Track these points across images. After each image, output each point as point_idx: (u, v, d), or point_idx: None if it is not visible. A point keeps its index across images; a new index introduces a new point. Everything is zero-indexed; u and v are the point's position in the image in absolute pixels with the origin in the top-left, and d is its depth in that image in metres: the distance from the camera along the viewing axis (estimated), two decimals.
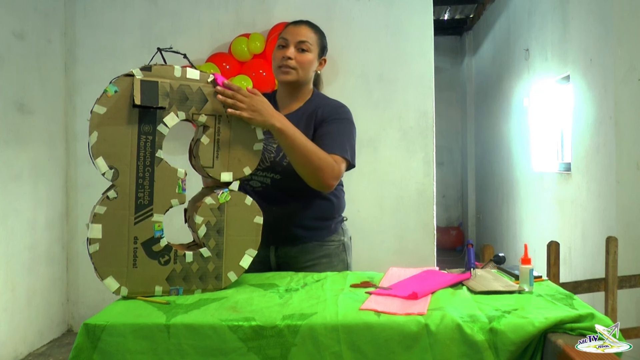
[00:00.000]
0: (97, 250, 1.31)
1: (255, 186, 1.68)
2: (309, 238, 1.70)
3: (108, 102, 1.31)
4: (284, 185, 1.65)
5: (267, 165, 1.65)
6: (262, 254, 1.68)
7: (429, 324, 1.11)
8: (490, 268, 1.55)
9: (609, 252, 2.26)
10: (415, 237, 3.69)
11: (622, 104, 3.07)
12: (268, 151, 1.65)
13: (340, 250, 1.74)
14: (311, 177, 1.54)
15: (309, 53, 1.67)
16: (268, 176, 1.66)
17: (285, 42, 1.67)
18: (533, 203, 4.80)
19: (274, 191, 1.66)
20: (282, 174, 1.64)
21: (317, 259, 1.70)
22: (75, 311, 3.86)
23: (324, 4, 3.75)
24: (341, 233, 1.76)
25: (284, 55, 1.65)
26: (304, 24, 1.72)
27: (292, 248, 1.70)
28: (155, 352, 1.14)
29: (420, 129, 3.70)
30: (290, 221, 1.67)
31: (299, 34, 1.67)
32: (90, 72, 3.81)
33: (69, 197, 3.85)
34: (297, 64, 1.65)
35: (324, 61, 1.76)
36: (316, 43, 1.70)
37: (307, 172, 1.53)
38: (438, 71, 4.36)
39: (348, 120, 1.68)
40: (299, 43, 1.66)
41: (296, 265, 1.68)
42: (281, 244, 1.70)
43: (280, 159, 1.64)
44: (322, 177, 1.53)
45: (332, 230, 1.74)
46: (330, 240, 1.73)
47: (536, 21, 4.66)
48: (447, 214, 7.92)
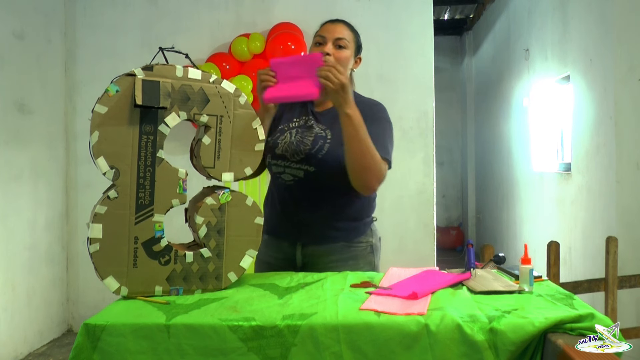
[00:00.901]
0: (98, 250, 1.31)
1: (287, 180, 1.66)
2: (338, 238, 1.67)
3: (109, 102, 1.31)
4: (317, 179, 1.63)
5: (302, 157, 1.63)
6: (288, 251, 1.69)
7: (429, 324, 1.11)
8: (490, 268, 1.55)
9: (609, 252, 2.26)
10: (415, 237, 3.69)
11: (622, 104, 3.07)
12: (303, 144, 1.64)
13: (367, 252, 1.71)
14: (360, 173, 1.54)
15: (346, 50, 1.67)
16: (302, 168, 1.63)
17: (323, 40, 1.67)
18: (533, 203, 4.80)
19: (306, 185, 1.64)
20: (317, 166, 1.62)
21: (344, 260, 1.66)
22: (75, 311, 3.87)
23: (324, 4, 3.75)
24: (370, 234, 1.73)
25: (323, 51, 1.64)
26: (341, 22, 1.72)
27: (319, 247, 1.67)
28: (155, 352, 1.14)
29: (420, 129, 3.70)
30: (320, 220, 1.65)
31: (336, 32, 1.67)
32: (90, 72, 3.81)
33: (69, 197, 3.85)
34: (336, 60, 1.64)
35: (359, 60, 1.76)
36: (353, 41, 1.70)
37: (358, 168, 1.53)
38: (438, 71, 4.36)
39: (386, 119, 1.69)
40: (337, 40, 1.66)
41: (322, 264, 1.65)
42: (308, 242, 1.67)
43: (316, 152, 1.62)
44: (369, 178, 1.55)
45: (360, 231, 1.71)
46: (359, 242, 1.70)
47: (536, 21, 4.67)
48: (447, 214, 7.92)
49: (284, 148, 1.66)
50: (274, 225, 1.71)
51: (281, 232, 1.71)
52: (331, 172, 1.60)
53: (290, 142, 1.66)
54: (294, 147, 1.65)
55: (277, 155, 1.67)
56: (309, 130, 1.65)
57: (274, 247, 1.72)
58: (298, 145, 1.64)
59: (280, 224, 1.71)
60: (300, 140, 1.65)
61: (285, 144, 1.66)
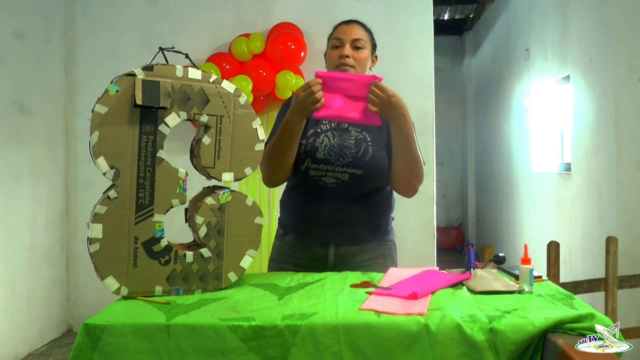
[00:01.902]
0: (98, 250, 1.31)
1: (329, 182, 1.64)
2: (371, 238, 1.69)
3: (109, 102, 1.31)
4: (364, 182, 1.63)
5: (349, 160, 1.63)
6: (319, 251, 1.67)
7: (429, 324, 1.11)
8: (490, 268, 1.55)
9: (609, 252, 2.26)
10: (415, 237, 3.69)
11: (622, 104, 3.07)
12: (347, 147, 1.63)
13: (392, 250, 1.74)
14: (409, 180, 1.58)
15: (364, 50, 1.68)
16: (348, 172, 1.63)
17: (340, 42, 1.67)
18: (533, 203, 4.80)
19: (351, 188, 1.63)
20: (364, 169, 1.62)
21: (374, 258, 1.68)
22: (75, 311, 3.87)
23: (324, 4, 3.75)
24: (392, 233, 1.77)
25: (341, 54, 1.65)
26: (356, 22, 1.73)
27: (353, 246, 1.67)
28: (155, 352, 1.14)
29: (420, 129, 3.69)
30: (357, 220, 1.66)
31: (352, 32, 1.68)
32: (90, 72, 3.81)
33: (69, 197, 3.85)
34: (354, 61, 1.66)
35: (375, 58, 1.78)
36: (369, 40, 1.72)
37: (407, 175, 1.58)
38: (438, 71, 4.36)
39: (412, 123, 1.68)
40: (354, 41, 1.67)
41: (353, 263, 1.65)
42: (343, 242, 1.67)
43: (362, 154, 1.62)
44: (416, 183, 1.58)
45: (388, 229, 1.74)
46: (387, 240, 1.73)
47: (536, 21, 4.67)
48: (447, 214, 7.92)
49: (326, 152, 1.64)
50: (303, 227, 1.69)
51: (313, 233, 1.68)
52: (378, 175, 1.63)
53: (332, 146, 1.64)
54: (337, 151, 1.63)
55: (319, 160, 1.64)
56: (347, 133, 1.65)
57: (301, 248, 1.69)
58: (341, 149, 1.63)
59: (313, 226, 1.67)
60: (341, 144, 1.64)
61: (327, 148, 1.64)
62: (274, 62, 3.56)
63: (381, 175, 1.65)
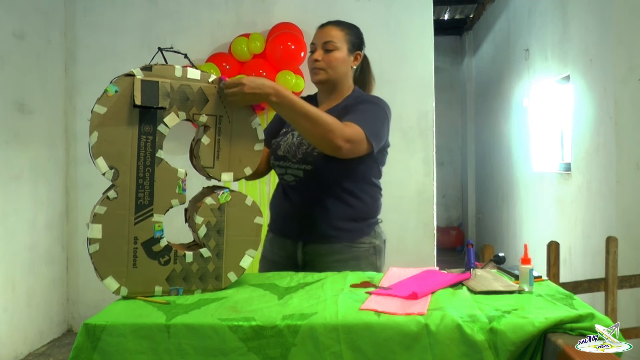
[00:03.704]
0: (97, 250, 1.31)
1: (289, 180, 1.70)
2: (339, 238, 1.67)
3: (108, 102, 1.31)
4: (315, 177, 1.65)
5: (300, 157, 1.67)
6: (290, 249, 1.72)
7: (429, 324, 1.11)
8: (490, 268, 1.55)
9: (609, 252, 2.26)
10: (415, 237, 3.69)
11: (622, 104, 3.07)
12: (303, 144, 1.67)
13: (370, 253, 1.71)
14: (321, 139, 1.52)
15: (335, 51, 1.71)
16: (300, 168, 1.67)
17: (314, 47, 1.74)
18: (533, 203, 4.80)
19: (307, 184, 1.67)
20: (313, 164, 1.64)
21: (346, 260, 1.66)
22: (75, 311, 3.86)
23: (324, 4, 3.75)
24: (373, 235, 1.73)
25: (313, 58, 1.72)
26: (330, 24, 1.76)
27: (321, 246, 1.68)
28: (155, 352, 1.14)
29: (420, 129, 3.70)
30: (321, 219, 1.67)
31: (323, 36, 1.73)
32: (90, 72, 3.81)
33: (69, 197, 3.85)
34: (324, 64, 1.71)
35: (358, 55, 1.78)
36: (343, 40, 1.72)
37: (315, 135, 1.52)
38: (438, 71, 4.36)
39: (379, 106, 1.69)
40: (324, 44, 1.72)
41: (323, 264, 1.65)
42: (309, 240, 1.69)
43: (312, 149, 1.64)
44: (332, 138, 1.51)
45: (364, 232, 1.71)
46: (361, 243, 1.70)
47: (536, 21, 4.66)
48: (447, 214, 7.92)
49: (286, 149, 1.71)
50: (278, 224, 1.77)
51: (284, 230, 1.75)
52: (330, 167, 1.63)
53: (291, 143, 1.70)
54: (294, 148, 1.69)
55: (279, 157, 1.72)
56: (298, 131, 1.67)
57: (278, 245, 1.76)
58: (298, 146, 1.68)
59: (284, 223, 1.75)
60: (300, 141, 1.69)
61: (287, 145, 1.71)
62: (274, 62, 3.56)
63: (333, 170, 1.63)
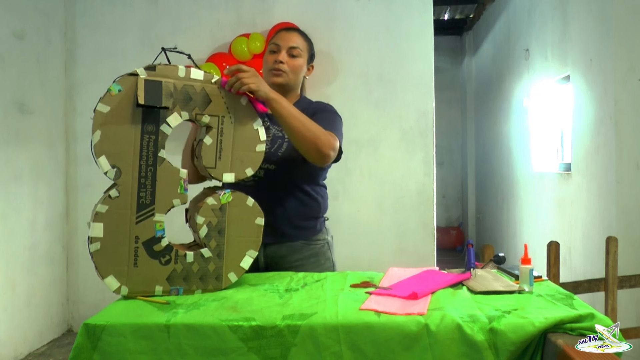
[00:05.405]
0: (98, 249, 1.31)
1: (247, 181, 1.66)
2: (296, 237, 1.72)
3: (112, 101, 1.31)
4: (277, 177, 1.67)
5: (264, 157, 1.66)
6: None
7: (429, 324, 1.11)
8: (490, 268, 1.55)
9: (609, 252, 2.26)
10: (415, 237, 3.69)
11: (622, 104, 3.07)
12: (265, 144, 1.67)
13: (325, 249, 1.78)
14: (310, 146, 1.54)
15: (299, 58, 1.75)
16: (262, 167, 1.64)
17: (277, 48, 1.74)
18: (533, 203, 4.80)
19: (267, 185, 1.67)
20: (277, 164, 1.67)
21: (305, 258, 1.72)
22: (75, 311, 3.86)
23: (324, 4, 3.75)
24: (325, 232, 1.81)
25: (276, 59, 1.72)
26: (295, 31, 1.82)
27: (280, 247, 1.71)
28: (155, 352, 1.14)
29: (420, 129, 3.70)
30: (280, 218, 1.69)
31: (290, 40, 1.75)
32: (90, 72, 3.81)
33: (69, 197, 3.85)
34: (288, 67, 1.72)
35: (311, 67, 1.85)
36: (306, 50, 1.79)
37: (305, 141, 1.53)
38: (438, 71, 4.36)
39: (337, 114, 1.75)
40: (290, 49, 1.74)
41: (284, 264, 1.70)
42: (269, 242, 1.69)
43: (275, 150, 1.67)
44: (321, 146, 1.53)
45: (317, 229, 1.77)
46: (317, 240, 1.76)
47: (536, 21, 4.67)
48: (447, 214, 7.92)
49: None
50: None
51: None
52: (291, 169, 1.66)
53: None
54: None
55: None
56: (267, 132, 1.67)
57: None
58: None
59: None
60: None
61: None
62: None
63: (296, 170, 1.67)
